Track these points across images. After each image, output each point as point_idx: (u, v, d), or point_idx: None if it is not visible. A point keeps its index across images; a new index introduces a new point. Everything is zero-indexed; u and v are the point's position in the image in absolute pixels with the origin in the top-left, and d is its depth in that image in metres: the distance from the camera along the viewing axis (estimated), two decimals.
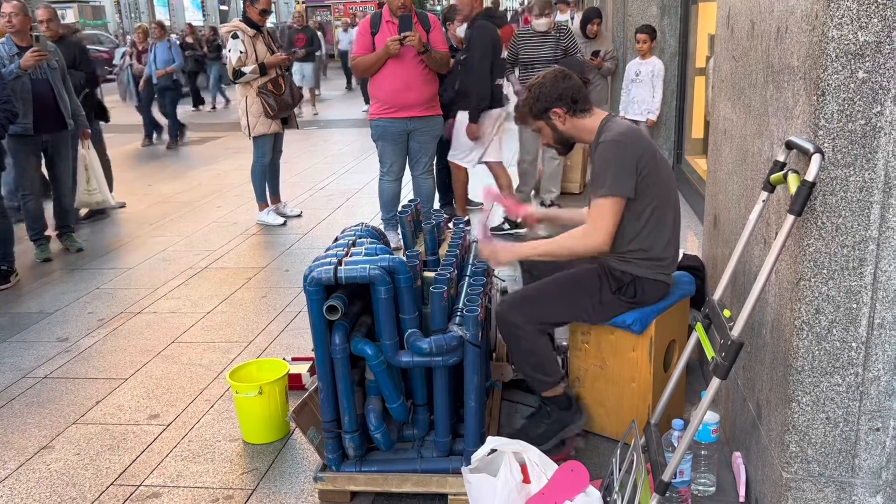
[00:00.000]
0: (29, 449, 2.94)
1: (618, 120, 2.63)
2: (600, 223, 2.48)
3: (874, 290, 1.88)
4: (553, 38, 5.63)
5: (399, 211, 2.98)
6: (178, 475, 2.73)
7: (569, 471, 2.13)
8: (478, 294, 2.43)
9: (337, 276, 2.23)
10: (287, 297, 4.44)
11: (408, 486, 2.45)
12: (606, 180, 2.48)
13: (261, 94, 5.66)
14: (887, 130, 1.79)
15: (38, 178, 5.37)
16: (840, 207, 1.85)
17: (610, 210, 2.48)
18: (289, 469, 2.74)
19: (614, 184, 2.47)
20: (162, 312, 4.31)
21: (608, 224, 2.48)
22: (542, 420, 2.70)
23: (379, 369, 2.32)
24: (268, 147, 5.92)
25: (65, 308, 4.44)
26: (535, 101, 2.63)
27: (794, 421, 2.01)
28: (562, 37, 5.65)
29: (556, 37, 5.63)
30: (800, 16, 1.92)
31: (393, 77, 4.79)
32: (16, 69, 4.86)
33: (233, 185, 7.62)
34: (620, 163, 2.48)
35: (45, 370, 3.63)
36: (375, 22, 4.85)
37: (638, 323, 2.62)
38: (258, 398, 2.83)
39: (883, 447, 1.98)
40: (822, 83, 1.80)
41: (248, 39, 5.62)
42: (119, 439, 2.98)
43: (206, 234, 5.95)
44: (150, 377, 3.51)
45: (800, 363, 1.97)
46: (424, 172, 5.15)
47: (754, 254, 2.37)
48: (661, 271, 2.62)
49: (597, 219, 2.49)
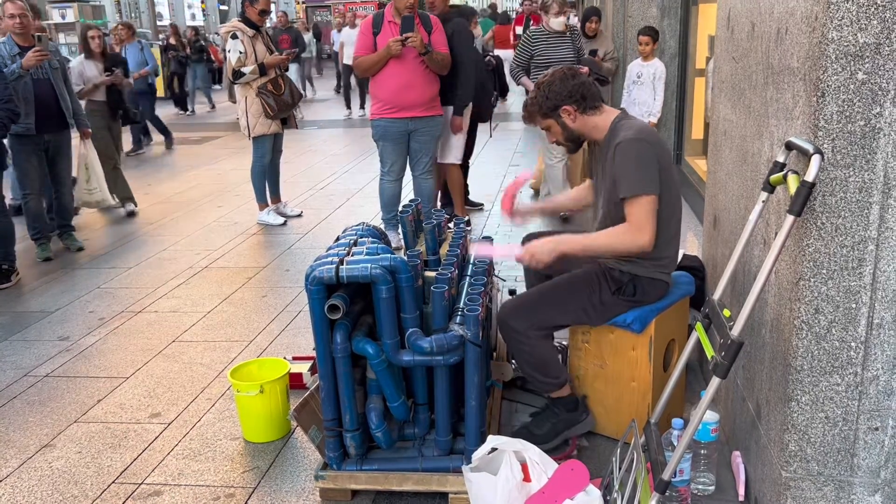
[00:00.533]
0: (30, 447, 2.95)
1: (632, 118, 2.63)
2: (643, 223, 2.46)
3: (873, 290, 1.89)
4: (569, 38, 5.61)
5: (400, 211, 2.99)
6: (180, 473, 2.73)
7: (569, 470, 2.14)
8: (478, 293, 2.44)
9: (339, 275, 2.24)
10: (288, 297, 4.45)
11: (409, 485, 2.46)
12: (637, 179, 2.46)
13: (260, 95, 5.66)
14: (887, 131, 1.80)
15: (40, 178, 5.37)
16: (839, 208, 1.86)
17: (648, 208, 2.45)
18: (290, 468, 2.75)
19: (647, 182, 2.45)
20: (163, 311, 4.32)
21: (651, 223, 2.46)
22: (548, 419, 2.70)
23: (380, 368, 2.33)
24: (267, 147, 5.93)
25: (66, 307, 4.45)
26: (544, 100, 2.61)
27: (793, 420, 2.02)
28: (576, 37, 5.65)
29: (571, 37, 5.62)
30: (800, 17, 1.94)
31: (394, 77, 4.80)
32: (18, 69, 4.86)
33: (233, 185, 7.62)
34: (646, 161, 2.47)
35: (46, 369, 3.63)
36: (377, 22, 4.86)
37: (638, 322, 2.63)
38: (259, 397, 2.84)
39: (882, 446, 1.99)
40: (821, 84, 1.81)
41: (248, 40, 5.62)
42: (120, 438, 2.99)
43: (206, 233, 5.96)
44: (151, 376, 3.51)
45: (799, 363, 1.98)
46: (425, 172, 5.16)
47: (754, 254, 2.38)
48: (660, 270, 2.63)
49: (639, 220, 2.46)
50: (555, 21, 5.58)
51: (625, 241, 2.49)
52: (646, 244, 2.47)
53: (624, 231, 2.50)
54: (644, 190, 2.45)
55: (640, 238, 2.47)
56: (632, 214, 2.48)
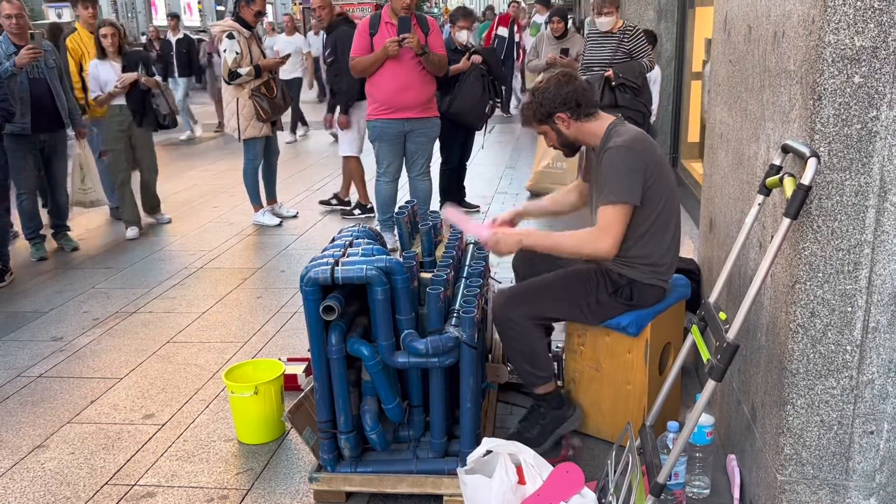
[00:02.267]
0: (23, 448, 2.94)
1: (627, 125, 2.63)
2: (609, 230, 2.48)
3: (869, 293, 1.89)
4: (616, 38, 5.36)
5: (396, 212, 2.98)
6: (173, 475, 2.72)
7: (564, 472, 2.14)
8: (474, 295, 2.44)
9: (334, 276, 2.23)
10: (283, 298, 4.44)
11: (403, 487, 2.45)
12: (615, 186, 2.47)
13: (254, 97, 5.63)
14: (883, 135, 1.80)
15: (34, 178, 5.36)
16: (836, 211, 1.86)
17: (618, 216, 2.47)
18: (284, 469, 2.74)
19: (623, 190, 2.46)
20: (157, 312, 4.30)
21: (616, 231, 2.48)
22: (536, 421, 2.70)
23: (375, 370, 2.32)
24: (259, 149, 5.90)
25: (60, 307, 4.43)
26: (538, 107, 2.63)
27: (788, 423, 2.02)
28: (626, 38, 5.35)
29: (619, 38, 5.36)
30: (796, 20, 1.94)
31: (391, 78, 4.80)
32: (11, 67, 4.84)
33: (228, 186, 7.61)
34: (630, 169, 2.47)
35: (39, 369, 3.62)
36: (374, 23, 4.85)
37: (633, 325, 2.62)
38: (253, 398, 2.83)
39: (877, 450, 1.99)
40: (818, 87, 1.81)
41: (244, 40, 5.59)
42: (114, 439, 2.98)
43: (201, 234, 5.94)
44: (145, 377, 3.50)
45: (794, 366, 1.98)
46: (421, 174, 5.16)
47: (750, 257, 2.38)
48: (658, 277, 2.63)
49: (605, 225, 2.48)
50: (598, 21, 5.39)
51: (588, 244, 2.52)
52: (607, 251, 2.50)
53: (589, 234, 2.53)
54: (619, 198, 2.46)
55: (603, 243, 2.49)
56: (601, 220, 2.50)
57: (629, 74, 5.19)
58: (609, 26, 5.39)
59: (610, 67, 5.27)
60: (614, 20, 5.39)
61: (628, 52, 5.37)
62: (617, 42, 5.37)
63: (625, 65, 5.29)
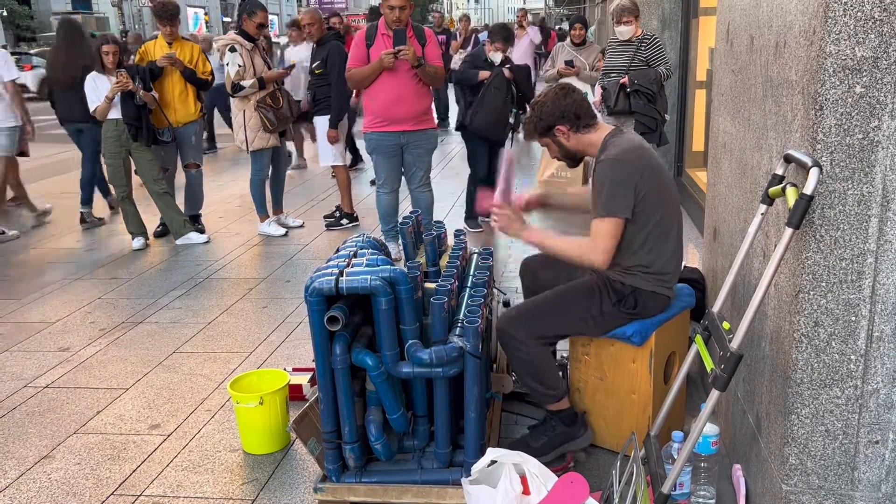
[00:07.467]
0: (29, 458, 2.95)
1: (624, 135, 2.64)
2: (599, 243, 2.52)
3: (873, 302, 1.89)
4: (633, 46, 5.48)
5: (400, 222, 2.99)
6: (179, 485, 2.73)
7: (568, 483, 2.14)
8: (478, 305, 2.44)
9: (338, 286, 2.24)
10: (288, 308, 4.45)
11: (408, 497, 2.45)
12: (605, 200, 2.51)
13: (259, 109, 5.66)
14: (885, 144, 1.80)
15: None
16: (838, 221, 1.87)
17: (608, 230, 2.51)
18: (289, 480, 2.74)
19: (612, 204, 2.49)
20: (163, 322, 4.32)
21: (607, 244, 2.52)
22: (544, 432, 2.70)
23: (379, 380, 2.32)
24: (266, 160, 5.94)
25: (66, 318, 4.45)
26: (538, 120, 2.68)
27: (793, 433, 2.01)
28: (643, 47, 5.46)
29: (637, 46, 5.47)
30: (798, 31, 1.94)
31: (386, 91, 4.78)
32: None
33: (234, 196, 7.64)
34: (619, 182, 2.50)
35: (46, 380, 3.63)
36: (371, 34, 4.85)
37: (638, 335, 2.62)
38: (259, 408, 2.84)
39: (882, 460, 1.99)
40: (820, 97, 1.81)
41: (246, 53, 5.63)
42: (119, 449, 2.99)
43: (207, 244, 5.96)
44: (150, 387, 3.51)
45: (799, 375, 1.98)
46: (421, 185, 5.14)
47: (753, 266, 2.38)
48: (662, 285, 2.63)
49: (596, 238, 2.53)
50: (618, 29, 5.51)
51: (581, 254, 2.57)
52: (599, 263, 2.55)
53: (584, 245, 2.57)
54: (609, 212, 2.50)
55: (595, 255, 2.54)
56: (592, 232, 2.55)
57: (644, 81, 5.33)
58: (628, 35, 5.51)
59: (626, 74, 5.37)
60: (633, 29, 5.51)
61: (645, 60, 5.47)
62: (634, 50, 5.49)
63: (640, 71, 5.41)
